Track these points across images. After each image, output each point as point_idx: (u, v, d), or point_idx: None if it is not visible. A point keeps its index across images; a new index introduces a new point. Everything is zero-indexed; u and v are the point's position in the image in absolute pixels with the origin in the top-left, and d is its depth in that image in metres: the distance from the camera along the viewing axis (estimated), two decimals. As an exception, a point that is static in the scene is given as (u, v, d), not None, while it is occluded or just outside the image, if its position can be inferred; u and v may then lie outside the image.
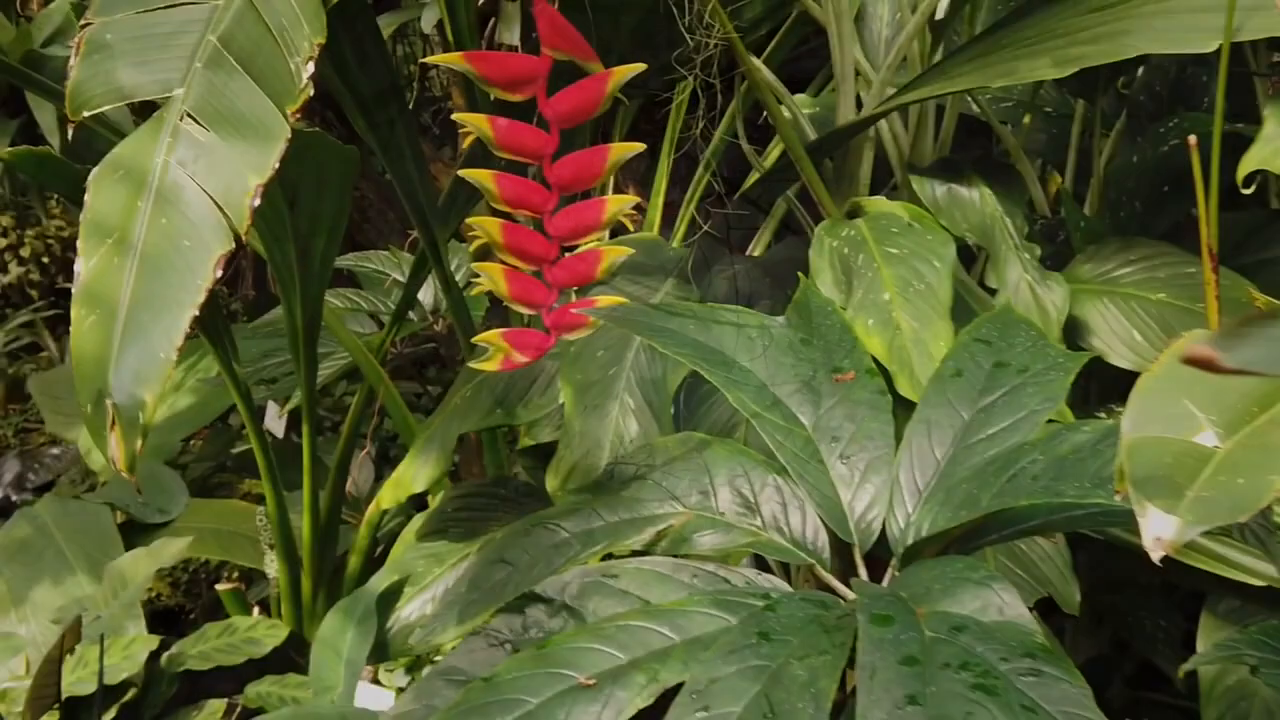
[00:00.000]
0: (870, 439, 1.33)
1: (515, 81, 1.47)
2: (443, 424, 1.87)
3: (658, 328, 1.43)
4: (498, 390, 1.86)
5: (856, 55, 1.81)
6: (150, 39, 1.09)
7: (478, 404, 1.85)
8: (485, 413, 1.83)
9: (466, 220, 1.46)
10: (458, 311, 2.15)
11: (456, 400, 1.88)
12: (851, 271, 1.55)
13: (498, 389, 1.86)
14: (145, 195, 1.04)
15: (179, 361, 1.03)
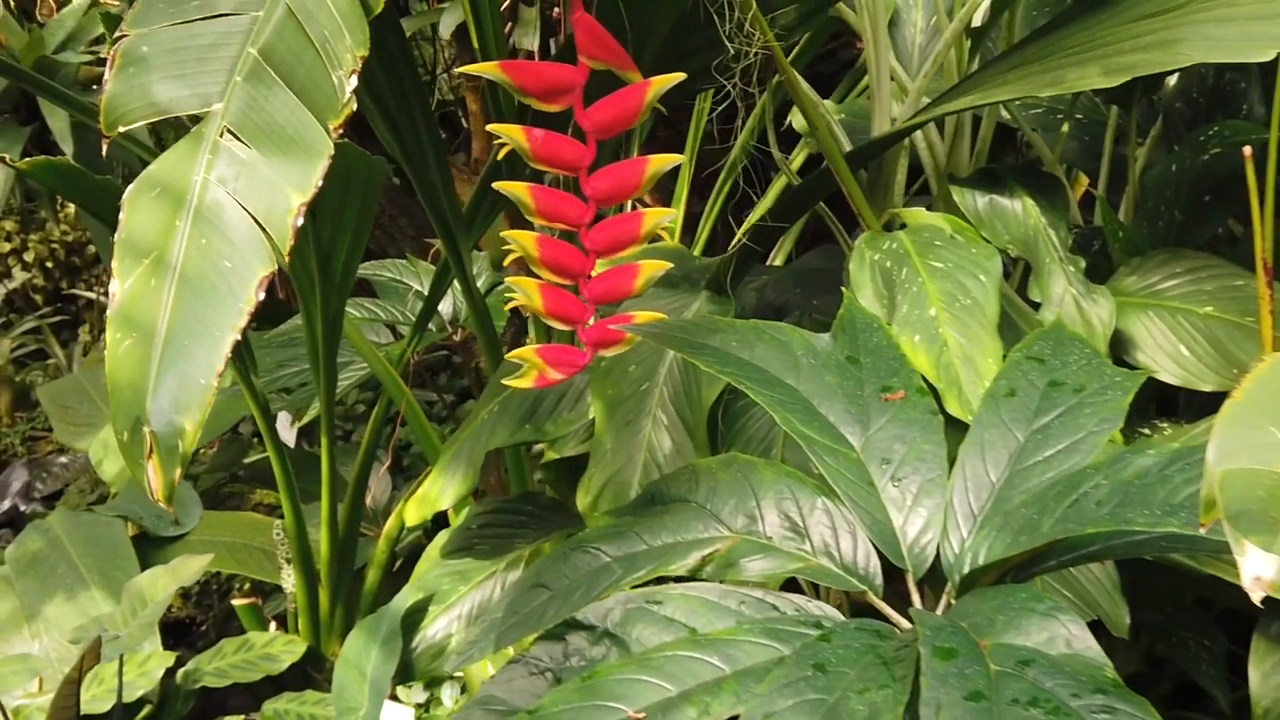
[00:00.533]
0: (922, 461, 1.29)
1: (552, 91, 1.43)
2: (469, 440, 1.83)
3: (699, 345, 1.40)
4: (526, 405, 1.82)
5: (891, 63, 1.77)
6: (188, 51, 1.05)
7: (506, 419, 1.81)
8: (514, 428, 1.79)
9: (501, 234, 1.41)
10: (481, 322, 2.11)
11: (483, 415, 1.84)
12: (894, 285, 1.51)
13: (526, 404, 1.82)
14: (184, 214, 1.00)
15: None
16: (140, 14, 1.05)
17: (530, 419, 1.79)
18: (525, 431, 1.78)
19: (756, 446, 1.67)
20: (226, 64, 1.04)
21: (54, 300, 4.97)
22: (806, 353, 1.38)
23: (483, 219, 2.12)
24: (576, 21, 1.44)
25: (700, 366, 1.37)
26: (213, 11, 1.05)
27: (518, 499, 2.00)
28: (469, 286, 2.06)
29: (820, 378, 1.36)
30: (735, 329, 1.42)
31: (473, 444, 1.81)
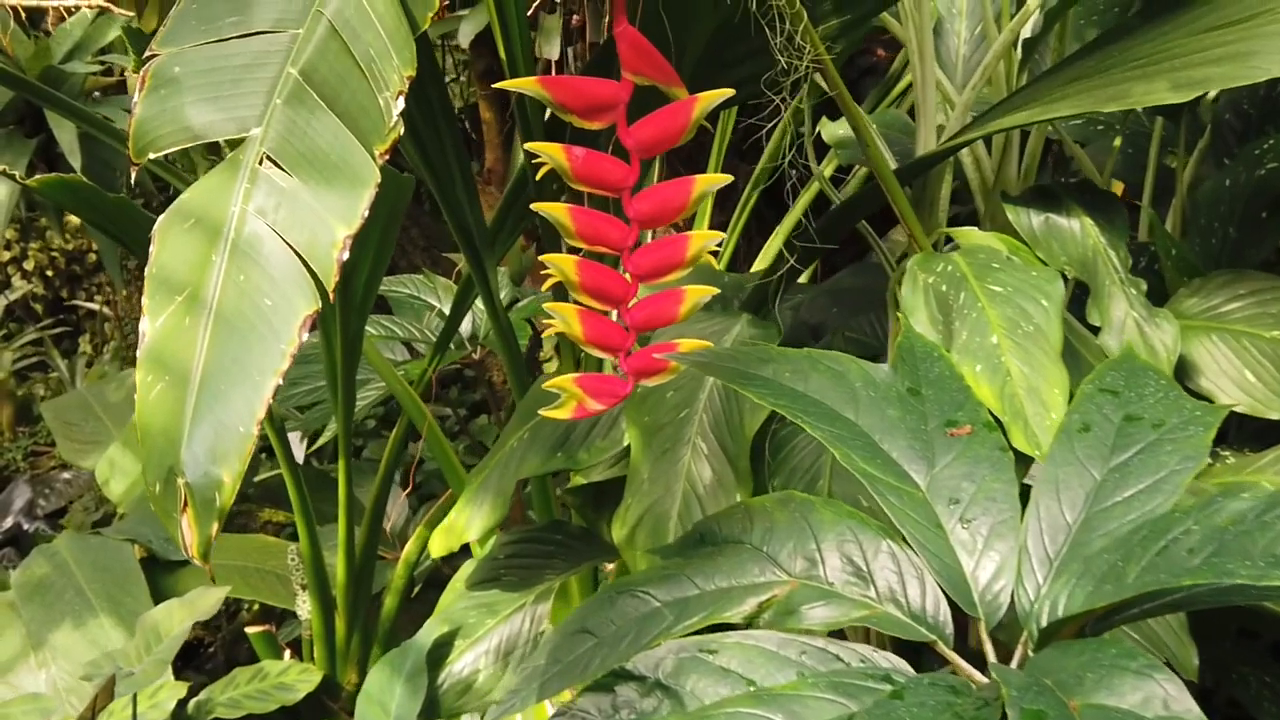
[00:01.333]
0: (992, 500, 1.21)
1: (594, 108, 1.36)
2: (498, 468, 1.76)
3: (750, 376, 1.32)
4: (557, 432, 1.75)
5: (937, 74, 1.69)
6: (223, 72, 0.97)
7: (536, 447, 1.73)
8: (545, 457, 1.72)
9: (541, 258, 1.34)
10: (505, 341, 2.03)
11: (512, 442, 1.77)
12: (950, 310, 1.44)
13: (557, 431, 1.75)
14: (220, 248, 0.93)
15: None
16: (171, 32, 0.98)
17: (562, 447, 1.72)
18: (557, 460, 1.71)
19: (802, 477, 1.60)
20: (265, 85, 0.97)
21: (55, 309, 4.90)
22: (865, 384, 1.31)
23: (506, 235, 2.05)
24: (620, 35, 1.37)
25: (751, 398, 1.30)
26: (249, 29, 0.98)
27: (546, 527, 1.93)
28: (494, 305, 1.98)
29: (881, 411, 1.29)
30: (788, 359, 1.34)
31: (501, 472, 1.74)
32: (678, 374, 1.61)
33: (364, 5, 0.98)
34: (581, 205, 1.40)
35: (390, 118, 0.97)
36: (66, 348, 4.88)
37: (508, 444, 1.77)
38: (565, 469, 1.73)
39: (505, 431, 1.81)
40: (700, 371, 1.35)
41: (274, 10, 1.00)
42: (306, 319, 0.92)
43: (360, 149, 0.96)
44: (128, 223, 1.78)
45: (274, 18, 0.99)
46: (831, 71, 1.44)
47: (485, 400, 3.46)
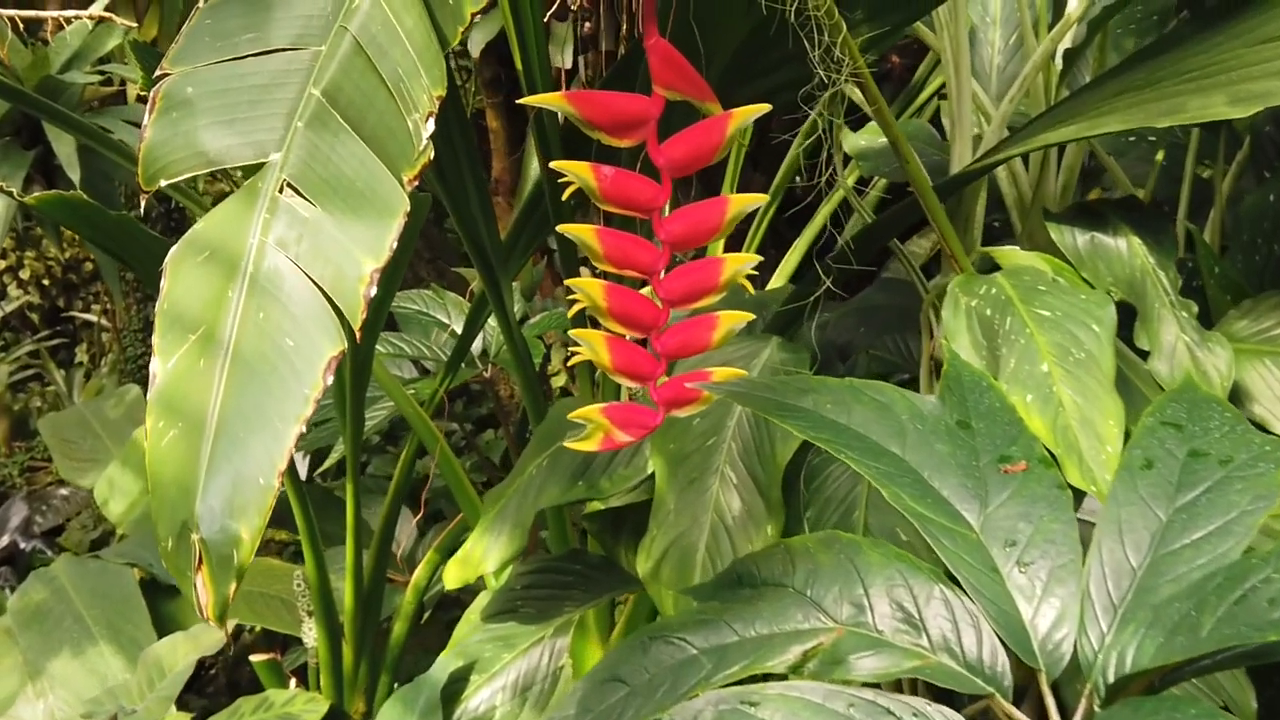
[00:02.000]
0: (1051, 542, 1.14)
1: (623, 124, 1.29)
2: (516, 497, 1.68)
3: (789, 408, 1.25)
4: (578, 460, 1.68)
5: (974, 88, 1.63)
6: (240, 93, 0.90)
7: (556, 475, 1.66)
8: (565, 486, 1.65)
9: (567, 282, 1.28)
10: (520, 361, 1.96)
11: (531, 470, 1.70)
12: (996, 336, 1.37)
13: (578, 458, 1.68)
14: (237, 283, 0.86)
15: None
16: (183, 50, 0.91)
17: (583, 475, 1.65)
18: (578, 489, 1.64)
19: (836, 508, 1.53)
20: (285, 107, 0.90)
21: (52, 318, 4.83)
22: (912, 417, 1.24)
23: (521, 252, 1.99)
24: (651, 48, 1.30)
25: (793, 431, 1.23)
26: (268, 46, 0.91)
27: (565, 557, 1.85)
28: (509, 324, 1.91)
29: (929, 446, 1.22)
30: (829, 389, 1.27)
31: (519, 501, 1.67)
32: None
33: (391, 20, 0.91)
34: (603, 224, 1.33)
35: (420, 141, 0.90)
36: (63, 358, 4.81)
37: (526, 471, 1.70)
38: (586, 499, 1.66)
39: (523, 458, 1.74)
40: (736, 402, 1.28)
41: (294, 26, 0.92)
42: (331, 361, 0.85)
43: (388, 175, 0.89)
44: (128, 240, 1.70)
45: (294, 34, 0.92)
46: (871, 86, 1.37)
47: (493, 414, 3.38)
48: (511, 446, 3.07)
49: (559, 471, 1.66)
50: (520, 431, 3.22)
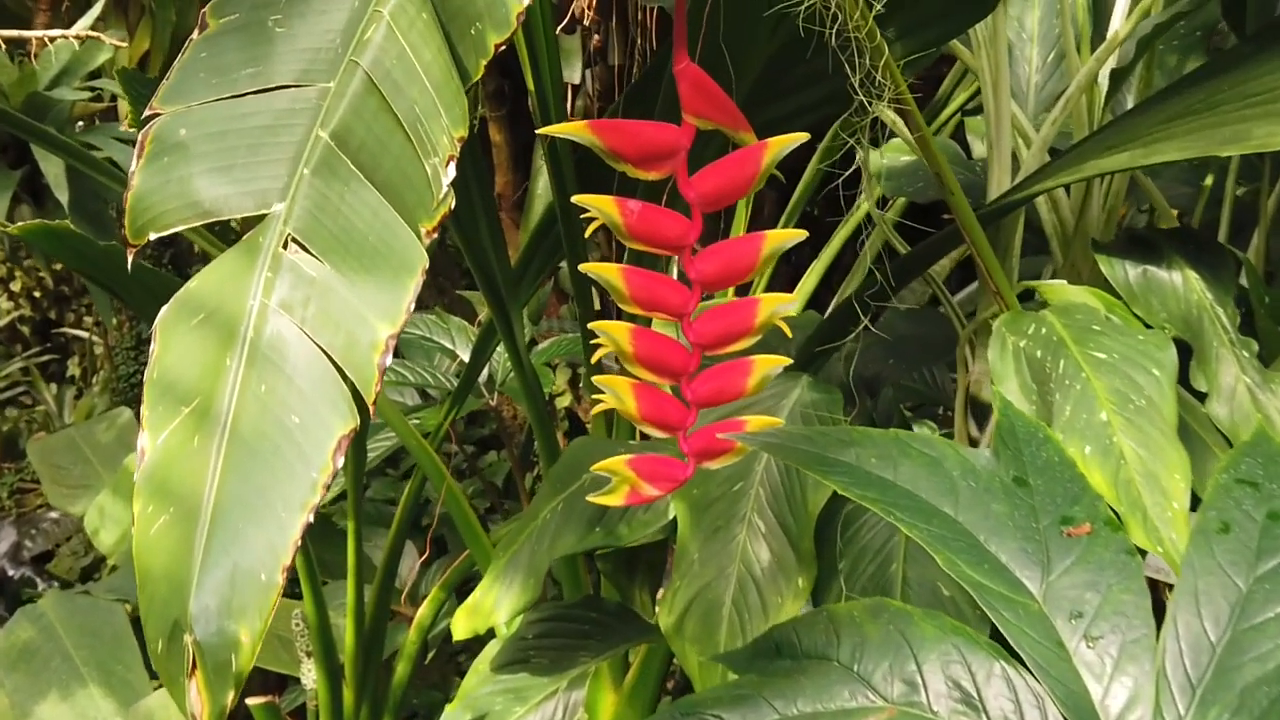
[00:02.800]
0: (1121, 615, 1.05)
1: (651, 156, 1.20)
2: (529, 544, 1.59)
3: (830, 462, 1.16)
4: (595, 505, 1.58)
5: (1013, 110, 1.53)
6: (239, 135, 0.81)
7: (572, 521, 1.57)
8: (582, 532, 1.55)
9: (591, 325, 1.18)
10: (530, 392, 1.87)
11: (545, 514, 1.60)
12: (1047, 379, 1.28)
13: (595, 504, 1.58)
14: (235, 350, 0.76)
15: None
16: (176, 86, 0.81)
17: (601, 521, 1.56)
18: (595, 536, 1.54)
19: (872, 559, 1.44)
20: (289, 151, 0.80)
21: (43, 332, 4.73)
22: (964, 473, 1.14)
23: (532, 279, 1.89)
24: (680, 73, 1.20)
25: (836, 489, 1.13)
26: (270, 83, 0.81)
27: (579, 604, 1.76)
28: (519, 355, 1.82)
29: (985, 506, 1.12)
30: (873, 441, 1.18)
31: (533, 548, 1.57)
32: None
33: (407, 53, 0.82)
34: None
35: (439, 188, 0.81)
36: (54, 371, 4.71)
37: (540, 515, 1.61)
38: (604, 546, 1.57)
39: (535, 501, 1.65)
40: (773, 455, 1.19)
41: (300, 60, 0.83)
42: (342, 441, 0.75)
43: (404, 227, 0.80)
44: (118, 271, 1.61)
45: (300, 69, 0.83)
46: (915, 113, 1.28)
47: (495, 435, 3.29)
48: (515, 469, 2.98)
49: (575, 517, 1.57)
50: (525, 454, 3.13)
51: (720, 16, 1.27)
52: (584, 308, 1.84)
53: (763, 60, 1.50)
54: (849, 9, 1.23)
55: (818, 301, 2.34)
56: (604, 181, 1.75)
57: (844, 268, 2.40)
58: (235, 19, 0.84)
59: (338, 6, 0.83)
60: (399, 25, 0.82)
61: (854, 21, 1.22)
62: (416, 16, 0.83)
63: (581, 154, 1.73)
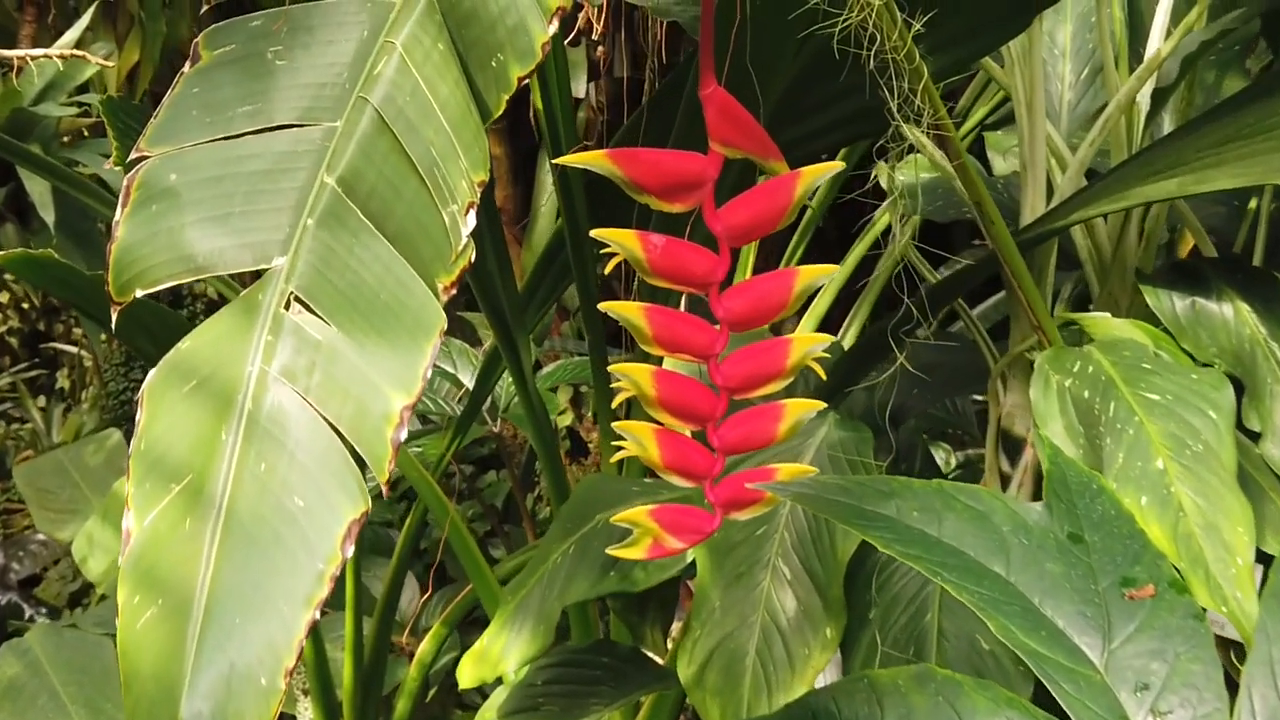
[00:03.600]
0: (1191, 687, 0.97)
1: (676, 187, 1.12)
2: (539, 589, 1.51)
3: (870, 516, 1.08)
4: (609, 544, 1.50)
5: (1050, 133, 1.45)
6: (235, 180, 0.72)
7: (586, 565, 1.49)
8: (596, 578, 1.47)
9: (611, 368, 1.10)
10: (538, 423, 1.79)
11: (556, 557, 1.52)
12: (1096, 422, 1.20)
13: (610, 543, 1.49)
14: (232, 422, 0.68)
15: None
16: (165, 125, 0.73)
17: (615, 565, 1.47)
18: (609, 581, 1.46)
19: (905, 609, 1.35)
20: (291, 199, 0.72)
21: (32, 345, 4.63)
22: (1015, 529, 1.06)
23: (538, 306, 1.81)
24: (708, 98, 1.12)
25: (876, 545, 1.05)
26: (270, 122, 0.73)
27: (590, 649, 1.68)
28: (524, 382, 1.74)
29: (1038, 565, 1.04)
30: (914, 493, 1.10)
31: (544, 594, 1.49)
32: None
33: (422, 89, 0.73)
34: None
35: (458, 239, 0.73)
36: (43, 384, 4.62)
37: (550, 558, 1.52)
38: (620, 592, 1.49)
39: (545, 542, 1.56)
40: (807, 508, 1.11)
41: (303, 97, 0.75)
42: (351, 526, 0.67)
43: (419, 283, 0.72)
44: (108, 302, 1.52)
45: (303, 107, 0.74)
46: (955, 140, 1.20)
47: (495, 454, 3.20)
48: (516, 490, 2.90)
49: (588, 560, 1.49)
50: (526, 474, 3.04)
51: (748, 36, 1.18)
52: (594, 336, 1.76)
53: (786, 81, 1.42)
54: (886, 29, 1.14)
55: (829, 322, 2.27)
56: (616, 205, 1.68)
57: (857, 287, 2.32)
58: (231, 50, 0.76)
59: (345, 36, 0.75)
60: (413, 58, 0.74)
61: (892, 41, 1.14)
62: (432, 48, 0.75)
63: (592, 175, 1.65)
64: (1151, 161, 1.35)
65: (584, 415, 3.14)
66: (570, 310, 3.12)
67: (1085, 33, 1.67)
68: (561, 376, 2.36)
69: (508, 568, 1.96)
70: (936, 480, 1.12)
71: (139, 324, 1.49)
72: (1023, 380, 1.55)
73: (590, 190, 1.68)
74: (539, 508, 3.13)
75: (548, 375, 2.37)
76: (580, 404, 3.14)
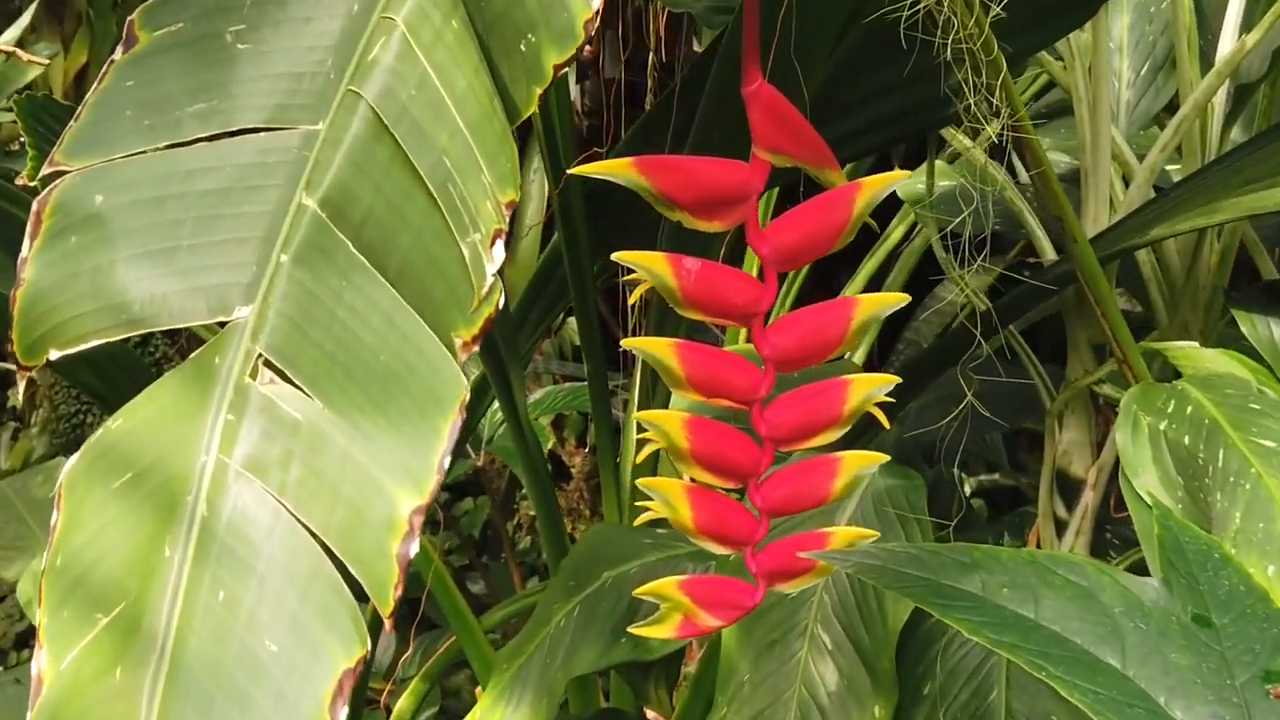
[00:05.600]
0: (1358, 809, 0.79)
1: (715, 201, 0.95)
2: (539, 656, 1.33)
3: (950, 593, 0.90)
4: (619, 609, 1.32)
5: (1115, 137, 1.28)
6: (184, 204, 0.54)
7: (593, 630, 1.32)
8: (605, 645, 1.30)
9: (637, 416, 0.93)
10: (529, 459, 1.61)
11: (558, 620, 1.34)
12: (1203, 474, 1.03)
13: (619, 607, 1.33)
14: (179, 533, 0.50)
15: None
16: (89, 130, 0.54)
17: (626, 628, 1.29)
18: (620, 649, 1.29)
19: (966, 684, 1.19)
20: (259, 228, 0.53)
21: (-23, 362, 4.41)
22: (1129, 610, 0.89)
23: (531, 330, 1.63)
24: (752, 96, 0.95)
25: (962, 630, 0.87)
26: (229, 124, 0.54)
27: (592, 718, 1.50)
28: (517, 417, 1.55)
29: (1161, 656, 0.87)
30: (1002, 565, 0.92)
31: (545, 662, 1.31)
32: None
33: (431, 80, 0.55)
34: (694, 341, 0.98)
35: (482, 279, 0.54)
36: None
37: (552, 620, 1.34)
38: (632, 661, 1.31)
39: (544, 603, 1.38)
40: (874, 582, 0.93)
41: (273, 90, 0.56)
42: (344, 679, 0.49)
43: (432, 340, 0.53)
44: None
45: (273, 104, 0.56)
46: (1036, 145, 1.02)
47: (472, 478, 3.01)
48: (496, 516, 2.71)
49: (596, 624, 1.31)
50: (506, 501, 2.86)
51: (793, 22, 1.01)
52: (593, 364, 1.58)
53: (823, 75, 1.25)
54: (961, 15, 0.97)
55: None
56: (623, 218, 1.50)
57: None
58: (178, 31, 0.57)
59: (328, 12, 0.56)
60: (419, 39, 0.56)
61: (967, 29, 0.97)
62: (444, 26, 0.56)
63: (594, 184, 1.47)
64: (1242, 168, 1.18)
65: (565, 438, 2.96)
66: (551, 327, 2.93)
67: (1144, 24, 1.50)
68: (552, 405, 2.18)
69: (496, 618, 1.78)
70: (1028, 549, 0.95)
71: (90, 366, 1.30)
72: (1081, 415, 1.39)
73: (591, 201, 1.50)
74: (518, 536, 2.94)
75: (536, 404, 2.18)
76: (562, 426, 2.95)
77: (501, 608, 1.80)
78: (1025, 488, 2.04)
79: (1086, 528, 1.38)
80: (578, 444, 2.96)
